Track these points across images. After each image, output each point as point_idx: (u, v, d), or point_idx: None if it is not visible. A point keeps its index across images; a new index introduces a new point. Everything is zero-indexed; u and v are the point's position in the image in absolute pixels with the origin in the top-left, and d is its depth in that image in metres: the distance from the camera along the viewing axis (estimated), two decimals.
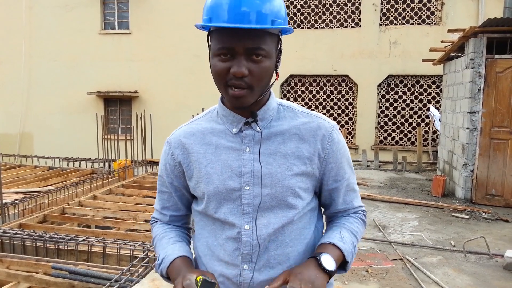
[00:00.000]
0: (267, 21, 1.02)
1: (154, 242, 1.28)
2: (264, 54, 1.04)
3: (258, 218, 1.12)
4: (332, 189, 1.20)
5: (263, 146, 1.13)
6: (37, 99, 13.32)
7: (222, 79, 1.06)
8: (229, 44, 1.02)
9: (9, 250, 4.43)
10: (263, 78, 1.06)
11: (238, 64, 1.02)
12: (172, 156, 1.21)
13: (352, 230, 1.20)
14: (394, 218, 5.51)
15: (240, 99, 1.06)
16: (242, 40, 1.01)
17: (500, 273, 3.75)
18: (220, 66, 1.05)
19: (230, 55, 1.03)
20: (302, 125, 1.16)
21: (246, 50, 1.02)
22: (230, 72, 1.03)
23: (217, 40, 1.05)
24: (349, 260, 1.14)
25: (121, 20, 12.82)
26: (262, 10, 1.01)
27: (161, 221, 1.31)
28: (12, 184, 7.71)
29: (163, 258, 1.18)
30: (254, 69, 1.04)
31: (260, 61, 1.04)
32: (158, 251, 1.23)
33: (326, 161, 1.16)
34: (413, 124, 11.28)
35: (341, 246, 1.12)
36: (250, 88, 1.05)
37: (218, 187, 1.12)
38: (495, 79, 6.01)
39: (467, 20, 9.95)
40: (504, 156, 6.03)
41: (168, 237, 1.25)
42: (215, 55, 1.07)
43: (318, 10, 11.52)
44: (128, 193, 7.27)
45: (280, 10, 1.05)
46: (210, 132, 1.17)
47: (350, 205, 1.24)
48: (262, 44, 1.03)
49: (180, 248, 1.20)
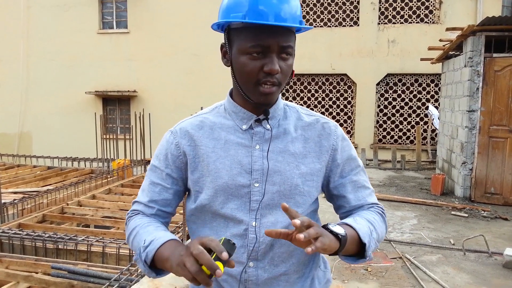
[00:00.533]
0: (296, 21, 1.06)
1: (133, 232, 1.12)
2: (291, 52, 1.08)
3: (266, 215, 1.12)
4: (339, 185, 1.20)
5: (273, 144, 1.14)
6: (35, 99, 13.29)
7: (253, 77, 1.07)
8: (266, 42, 1.04)
9: (8, 250, 4.42)
10: (288, 75, 1.10)
11: (272, 61, 1.05)
12: (177, 146, 1.17)
13: (367, 218, 1.13)
14: (394, 216, 5.51)
15: (269, 96, 1.09)
16: (278, 38, 1.04)
17: (499, 271, 3.76)
18: (253, 64, 1.06)
19: (263, 53, 1.05)
20: (308, 126, 1.19)
21: (279, 48, 1.05)
22: (265, 70, 1.05)
23: (248, 38, 1.05)
24: (365, 241, 1.05)
25: (119, 19, 12.79)
26: (292, 9, 1.05)
27: (143, 214, 1.19)
28: (11, 184, 7.69)
29: (152, 240, 1.03)
30: (283, 67, 1.07)
31: (288, 58, 1.08)
32: (142, 237, 1.07)
33: (332, 158, 1.18)
34: (412, 123, 11.29)
35: (354, 226, 1.06)
36: (279, 85, 1.09)
37: (227, 182, 1.12)
38: (493, 77, 6.02)
39: (465, 19, 9.96)
40: (503, 154, 6.04)
41: (155, 226, 1.13)
42: (244, 53, 1.06)
43: (317, 9, 11.52)
44: (127, 193, 7.27)
45: (299, 9, 1.10)
46: (219, 127, 1.17)
47: (363, 201, 1.20)
48: (291, 43, 1.07)
49: (172, 236, 1.07)
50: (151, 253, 1.01)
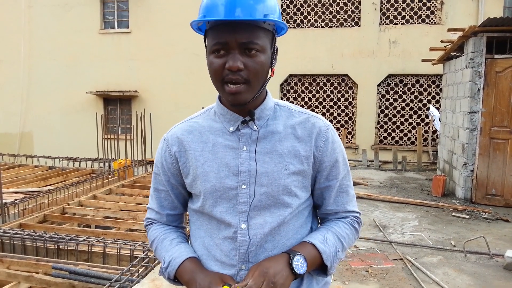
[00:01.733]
0: (258, 15, 1.04)
1: (153, 245, 1.25)
2: (258, 48, 1.05)
3: (254, 217, 1.12)
4: (323, 187, 1.20)
5: (260, 145, 1.13)
6: (36, 99, 13.31)
7: (218, 75, 1.07)
8: (223, 39, 1.04)
9: (9, 250, 4.42)
10: (258, 72, 1.07)
11: (233, 58, 1.04)
12: (170, 153, 1.20)
13: (338, 235, 1.18)
14: (394, 218, 5.51)
15: (237, 96, 1.07)
16: (235, 34, 1.03)
17: (500, 273, 3.75)
18: (216, 63, 1.06)
19: (225, 50, 1.05)
20: (298, 124, 1.17)
21: (240, 45, 1.04)
22: (226, 67, 1.05)
23: (211, 37, 1.07)
24: (328, 264, 1.12)
25: (121, 19, 12.81)
26: (253, 5, 1.03)
27: (157, 222, 1.29)
28: (12, 184, 7.70)
29: (170, 261, 1.16)
30: (249, 64, 1.05)
31: (255, 55, 1.05)
32: (161, 253, 1.20)
33: (320, 160, 1.17)
34: (413, 124, 11.28)
35: (320, 249, 1.12)
36: (247, 83, 1.06)
37: (215, 185, 1.13)
38: (494, 78, 6.02)
39: (466, 20, 9.95)
40: (504, 155, 6.03)
41: (170, 239, 1.23)
42: (210, 52, 1.08)
43: (318, 10, 11.52)
44: (128, 193, 7.27)
45: (271, 7, 1.07)
46: (208, 130, 1.18)
47: (341, 208, 1.22)
48: (255, 39, 1.05)
49: (186, 250, 1.19)
50: (172, 273, 1.15)
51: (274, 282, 1.01)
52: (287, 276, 1.05)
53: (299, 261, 1.07)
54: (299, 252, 1.09)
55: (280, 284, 1.02)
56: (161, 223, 1.29)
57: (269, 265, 1.05)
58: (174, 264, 1.14)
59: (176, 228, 1.30)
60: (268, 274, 1.02)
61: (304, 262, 1.08)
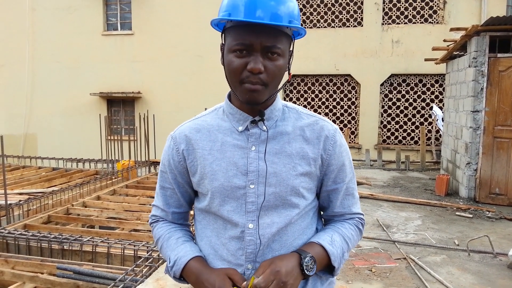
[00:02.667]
0: (284, 20, 1.04)
1: (159, 243, 1.26)
2: (279, 52, 1.06)
3: (262, 217, 1.13)
4: (331, 190, 1.22)
5: (269, 146, 1.14)
6: (40, 101, 13.38)
7: (237, 75, 1.07)
8: (247, 40, 1.04)
9: (14, 250, 4.45)
10: (277, 76, 1.08)
11: (255, 60, 1.04)
12: (177, 151, 1.21)
13: (345, 236, 1.20)
14: (398, 217, 5.50)
15: (254, 94, 1.07)
16: (260, 37, 1.03)
17: (504, 272, 3.75)
18: (237, 62, 1.06)
19: (247, 51, 1.05)
20: (307, 127, 1.18)
21: (263, 48, 1.04)
22: (247, 68, 1.05)
23: (234, 36, 1.07)
24: (335, 265, 1.14)
25: (124, 21, 12.85)
26: (279, 9, 1.03)
27: (163, 220, 1.30)
28: (17, 185, 7.74)
29: (176, 260, 1.16)
30: (269, 67, 1.06)
31: (275, 59, 1.06)
32: (167, 252, 1.21)
33: (328, 163, 1.18)
34: (416, 123, 11.26)
35: (329, 250, 1.13)
36: (264, 85, 1.07)
37: (223, 184, 1.13)
38: (498, 77, 6.00)
39: (469, 19, 9.93)
40: (508, 154, 6.02)
41: (175, 237, 1.23)
42: (231, 51, 1.07)
43: (320, 10, 11.52)
44: (131, 194, 7.29)
45: (294, 12, 1.08)
46: (216, 129, 1.18)
47: (347, 210, 1.24)
48: (278, 43, 1.05)
49: (191, 248, 1.19)
50: (178, 273, 1.16)
51: (285, 282, 1.02)
52: (297, 276, 1.06)
53: (310, 262, 1.08)
54: (309, 253, 1.09)
55: (290, 284, 1.03)
56: (166, 220, 1.29)
57: (281, 264, 1.05)
58: (179, 264, 1.15)
59: (181, 226, 1.30)
60: (280, 273, 1.03)
61: (314, 263, 1.09)
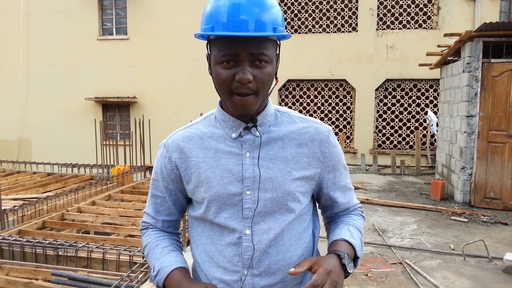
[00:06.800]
0: (268, 29, 1.03)
1: (145, 250, 1.26)
2: (267, 59, 1.06)
3: (259, 223, 1.12)
4: (331, 191, 1.23)
5: (263, 151, 1.13)
6: (35, 105, 13.31)
7: (226, 86, 1.06)
8: (233, 51, 1.03)
9: (8, 257, 4.41)
10: (267, 83, 1.08)
11: (243, 70, 1.03)
12: (170, 160, 1.20)
13: (357, 226, 1.24)
14: (393, 222, 5.52)
15: (246, 107, 1.07)
16: (246, 45, 1.02)
17: (499, 276, 3.76)
18: (225, 74, 1.05)
19: (234, 61, 1.04)
20: (300, 130, 1.17)
21: (250, 56, 1.03)
22: (236, 79, 1.04)
23: (219, 48, 1.06)
24: (359, 255, 1.17)
25: (119, 25, 12.85)
26: (262, 18, 1.02)
27: (152, 227, 1.29)
28: (11, 191, 7.67)
29: (159, 270, 1.17)
30: (258, 75, 1.05)
31: (263, 66, 1.05)
32: (152, 261, 1.21)
33: (325, 165, 1.19)
34: (411, 128, 11.32)
35: (353, 243, 1.15)
36: (255, 94, 1.06)
37: (218, 191, 1.12)
38: (491, 82, 6.05)
39: (463, 24, 10.02)
40: (502, 159, 6.06)
41: (161, 246, 1.23)
42: (218, 63, 1.07)
43: (315, 15, 11.58)
44: (127, 199, 7.25)
45: (278, 17, 1.07)
46: (209, 137, 1.17)
47: (350, 204, 1.29)
48: (264, 50, 1.04)
49: (176, 259, 1.19)
50: (160, 282, 1.16)
51: (337, 281, 1.02)
52: (343, 276, 1.07)
53: (348, 260, 1.09)
54: (344, 251, 1.10)
55: (340, 284, 1.04)
56: (156, 228, 1.29)
57: (332, 264, 1.04)
58: (162, 274, 1.15)
59: (170, 235, 1.29)
60: (332, 273, 1.02)
61: (350, 260, 1.10)
